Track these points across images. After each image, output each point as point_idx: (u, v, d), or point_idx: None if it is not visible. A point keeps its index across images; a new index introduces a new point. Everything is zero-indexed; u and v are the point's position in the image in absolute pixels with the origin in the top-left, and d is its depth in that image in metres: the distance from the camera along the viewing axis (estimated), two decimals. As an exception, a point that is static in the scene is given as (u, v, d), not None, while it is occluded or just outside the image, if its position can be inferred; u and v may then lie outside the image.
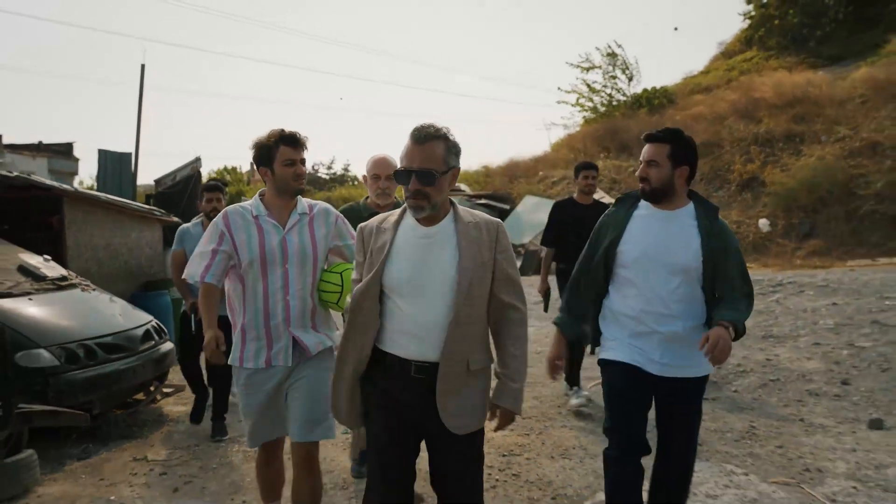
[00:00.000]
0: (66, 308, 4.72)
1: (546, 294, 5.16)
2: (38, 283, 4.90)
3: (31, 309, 4.48)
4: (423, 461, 2.17)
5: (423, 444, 2.19)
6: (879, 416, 4.37)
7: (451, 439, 2.07)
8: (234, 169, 34.17)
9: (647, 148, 2.62)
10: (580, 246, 3.13)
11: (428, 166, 2.02)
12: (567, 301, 2.74)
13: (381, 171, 3.43)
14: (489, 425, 2.18)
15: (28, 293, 4.67)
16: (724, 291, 2.47)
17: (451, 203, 2.18)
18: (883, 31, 19.46)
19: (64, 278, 5.14)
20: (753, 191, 14.01)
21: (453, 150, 2.09)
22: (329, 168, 39.09)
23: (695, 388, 2.56)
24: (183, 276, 2.72)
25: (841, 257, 11.66)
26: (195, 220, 4.79)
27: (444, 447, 2.10)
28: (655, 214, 2.59)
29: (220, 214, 2.66)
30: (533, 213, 14.81)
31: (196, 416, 4.81)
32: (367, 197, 3.57)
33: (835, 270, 10.66)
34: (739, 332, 2.38)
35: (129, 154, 10.39)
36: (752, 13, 23.47)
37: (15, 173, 6.10)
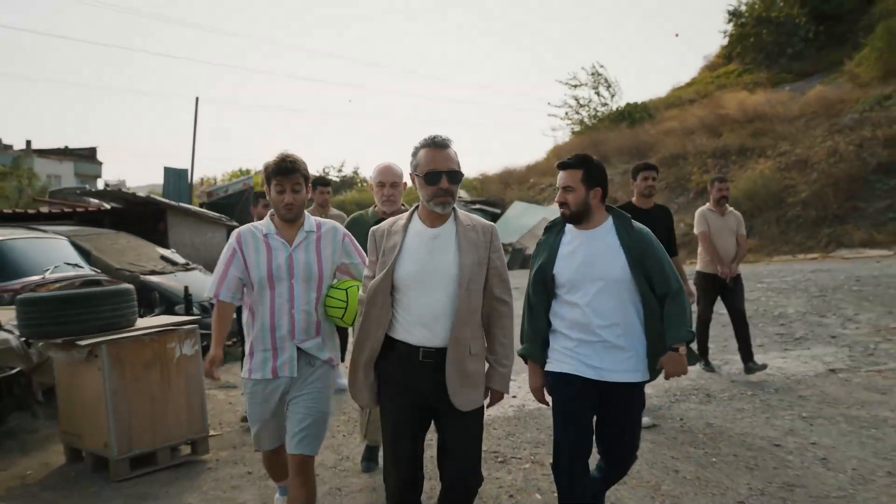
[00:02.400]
0: (194, 281, 7.85)
1: None
2: (174, 266, 8.05)
3: (177, 281, 7.62)
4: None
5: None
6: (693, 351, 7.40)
7: (458, 416, 2.43)
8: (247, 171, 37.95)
9: (560, 175, 2.79)
10: None
11: (453, 167, 2.43)
12: (529, 329, 2.87)
13: (385, 179, 3.62)
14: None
15: (172, 272, 7.82)
16: (661, 289, 2.73)
17: (453, 208, 2.51)
18: (850, 48, 21.94)
19: (187, 263, 8.30)
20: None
21: (457, 156, 2.49)
22: (339, 171, 42.28)
23: (633, 393, 2.77)
24: (207, 293, 2.99)
25: (770, 254, 14.66)
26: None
27: (452, 424, 2.46)
28: (579, 236, 2.79)
29: (233, 234, 2.93)
30: (520, 217, 17.87)
31: None
32: (375, 205, 3.76)
33: (758, 265, 13.68)
34: (690, 341, 2.74)
35: (186, 170, 13.52)
36: (732, 31, 26.19)
37: (143, 194, 9.26)
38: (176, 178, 13.47)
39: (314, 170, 44.19)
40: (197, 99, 13.00)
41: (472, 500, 2.55)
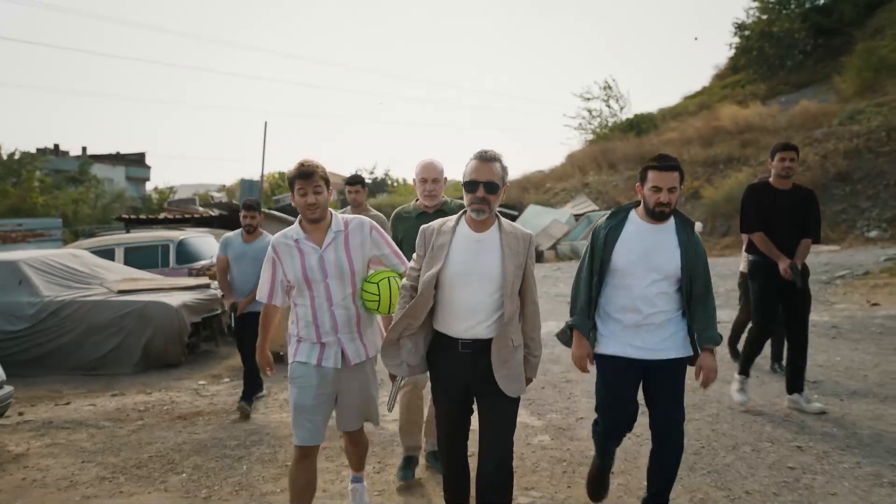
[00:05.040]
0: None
1: (797, 269, 4.66)
2: (274, 256, 12.02)
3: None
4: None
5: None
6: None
7: (498, 398, 2.86)
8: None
9: (664, 175, 3.07)
10: (778, 237, 4.31)
11: (492, 179, 2.81)
12: (581, 303, 3.28)
13: (427, 175, 3.98)
14: None
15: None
16: (696, 292, 3.16)
17: (497, 216, 2.91)
18: (842, 63, 24.71)
19: (283, 255, 12.27)
20: (694, 202, 20.54)
21: (505, 171, 2.90)
22: (371, 173, 46.39)
23: (677, 367, 3.19)
24: (256, 297, 3.32)
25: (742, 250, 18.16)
26: (238, 231, 5.87)
27: (492, 404, 2.89)
28: (644, 227, 3.18)
29: (269, 245, 3.23)
30: (534, 219, 21.53)
31: (245, 398, 5.84)
32: (417, 199, 4.12)
33: (720, 258, 17.24)
34: (718, 343, 3.17)
35: (258, 181, 17.45)
36: (738, 44, 29.35)
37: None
38: (249, 187, 17.32)
39: (347, 172, 48.70)
40: (265, 123, 16.85)
41: (509, 482, 2.91)
